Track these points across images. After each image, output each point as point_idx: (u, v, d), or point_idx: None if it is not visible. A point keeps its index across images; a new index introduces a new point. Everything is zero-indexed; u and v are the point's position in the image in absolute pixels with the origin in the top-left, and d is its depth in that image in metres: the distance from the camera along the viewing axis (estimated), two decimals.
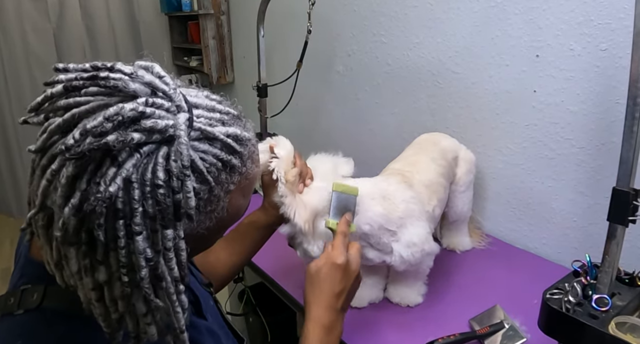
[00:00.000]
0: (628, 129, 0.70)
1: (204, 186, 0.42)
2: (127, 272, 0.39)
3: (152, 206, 0.38)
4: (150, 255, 0.39)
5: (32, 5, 2.54)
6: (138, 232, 0.37)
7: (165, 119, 0.39)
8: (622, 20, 1.01)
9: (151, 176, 0.37)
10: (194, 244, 0.48)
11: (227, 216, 0.48)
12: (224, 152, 0.44)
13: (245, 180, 0.48)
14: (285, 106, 1.73)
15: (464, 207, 1.25)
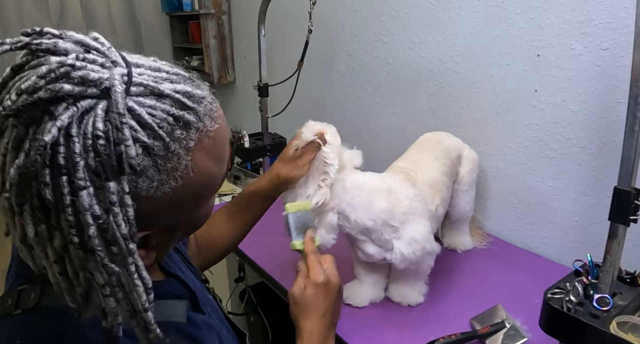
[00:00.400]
0: (629, 129, 0.70)
1: (158, 142, 0.41)
2: (77, 232, 0.38)
3: (94, 159, 0.38)
4: (98, 212, 0.38)
5: (33, 4, 2.55)
6: (82, 187, 0.37)
7: (98, 73, 0.39)
8: (623, 19, 1.01)
9: (91, 129, 0.37)
10: (177, 218, 0.48)
11: (197, 180, 0.46)
12: (175, 108, 0.43)
13: (208, 139, 0.46)
14: (286, 106, 1.73)
15: (466, 207, 1.25)
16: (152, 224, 0.46)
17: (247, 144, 1.73)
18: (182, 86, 0.44)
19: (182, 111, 0.43)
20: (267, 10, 1.63)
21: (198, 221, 0.55)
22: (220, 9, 2.60)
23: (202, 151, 0.46)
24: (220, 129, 0.48)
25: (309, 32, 1.50)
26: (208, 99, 0.47)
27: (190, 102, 0.44)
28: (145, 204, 0.43)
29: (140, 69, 0.43)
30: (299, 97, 1.71)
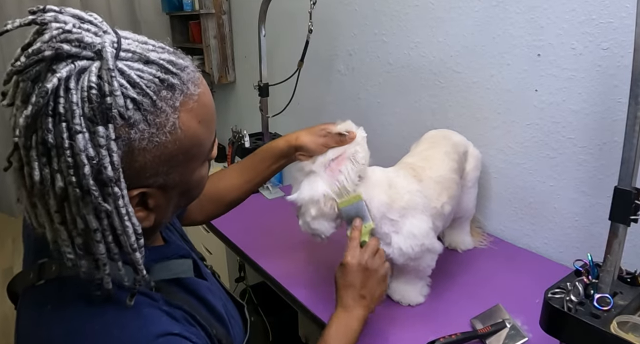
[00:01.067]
0: (630, 128, 0.70)
1: (146, 99, 0.47)
2: (74, 172, 0.45)
3: (89, 107, 0.44)
4: (92, 154, 0.44)
5: (33, 5, 2.54)
6: (78, 131, 0.44)
7: (92, 38, 0.46)
8: (624, 19, 1.01)
9: (87, 83, 0.44)
10: (170, 178, 0.53)
11: (185, 138, 0.51)
12: (161, 72, 0.49)
13: (193, 102, 0.52)
14: (286, 106, 1.73)
15: (469, 204, 1.25)
16: (148, 179, 0.51)
17: (247, 144, 1.73)
18: (166, 55, 0.51)
19: (167, 75, 0.49)
20: (268, 10, 1.63)
21: (192, 187, 0.59)
22: (221, 8, 2.60)
23: (188, 112, 0.51)
24: (204, 95, 0.54)
25: (309, 32, 1.51)
26: (191, 68, 0.53)
27: (174, 69, 0.50)
28: (140, 157, 0.49)
29: (129, 40, 0.49)
30: (299, 97, 1.71)
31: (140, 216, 0.52)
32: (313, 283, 1.14)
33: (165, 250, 0.64)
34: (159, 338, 0.51)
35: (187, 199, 0.61)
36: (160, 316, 0.54)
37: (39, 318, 0.52)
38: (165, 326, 0.53)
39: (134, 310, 0.52)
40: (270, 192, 1.70)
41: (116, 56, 0.46)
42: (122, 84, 0.46)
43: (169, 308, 0.56)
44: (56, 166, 0.45)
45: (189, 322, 0.58)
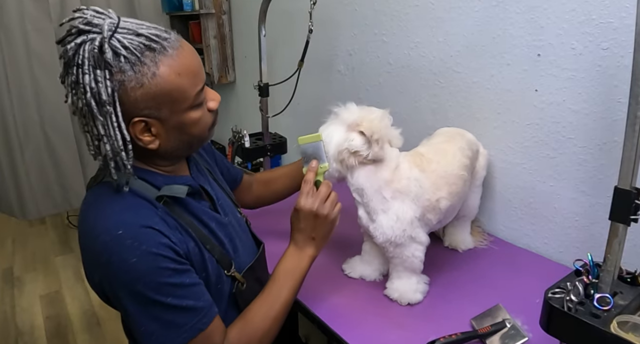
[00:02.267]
0: (630, 128, 0.70)
1: (133, 56, 0.71)
2: (84, 97, 0.71)
3: (92, 60, 0.70)
4: (93, 85, 0.70)
5: (34, 5, 2.54)
6: (85, 73, 0.70)
7: (98, 21, 0.71)
8: (624, 19, 1.01)
9: (92, 46, 0.70)
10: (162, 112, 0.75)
11: (165, 83, 0.73)
12: (146, 40, 0.72)
13: (172, 60, 0.74)
14: (286, 106, 1.73)
15: (474, 202, 1.26)
16: (143, 111, 0.74)
17: (247, 144, 1.73)
18: (154, 31, 0.74)
19: (150, 42, 0.73)
20: (268, 10, 1.63)
21: (187, 125, 0.80)
22: (221, 8, 2.61)
23: (167, 66, 0.74)
24: (184, 56, 0.76)
25: (309, 32, 1.50)
26: (172, 39, 0.76)
27: (157, 39, 0.74)
28: (132, 92, 0.72)
29: (127, 22, 0.74)
30: (299, 97, 1.71)
31: (146, 139, 0.78)
32: (313, 283, 1.14)
33: (177, 179, 0.86)
34: (141, 227, 0.74)
35: (189, 136, 0.81)
36: (153, 216, 0.76)
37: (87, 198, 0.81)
38: (151, 223, 0.75)
39: (135, 208, 0.77)
40: None
41: (113, 30, 0.71)
42: (117, 47, 0.70)
43: (164, 215, 0.78)
44: (77, 94, 0.72)
45: (179, 231, 0.79)
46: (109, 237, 0.72)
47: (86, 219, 0.78)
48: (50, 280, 2.66)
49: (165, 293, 0.74)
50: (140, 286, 0.72)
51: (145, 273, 0.72)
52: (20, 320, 2.33)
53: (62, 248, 2.99)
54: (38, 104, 2.71)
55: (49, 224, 3.31)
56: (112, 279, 0.74)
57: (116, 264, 0.72)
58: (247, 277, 0.92)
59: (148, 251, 0.72)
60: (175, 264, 0.75)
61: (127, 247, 0.72)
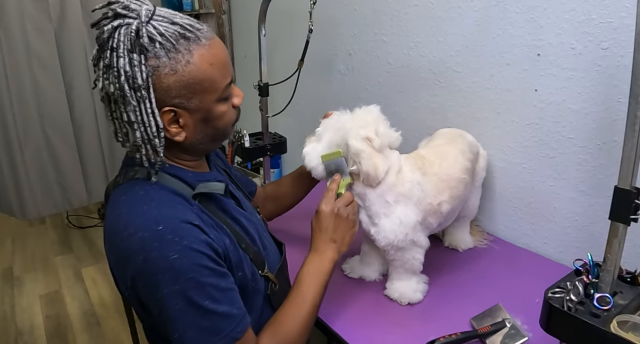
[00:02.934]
0: (630, 128, 0.70)
1: (168, 43, 0.71)
2: (119, 82, 0.71)
3: (129, 44, 0.70)
4: (128, 69, 0.70)
5: (33, 5, 2.54)
6: (121, 56, 0.70)
7: (136, 6, 0.72)
8: (624, 19, 1.01)
9: (129, 30, 0.70)
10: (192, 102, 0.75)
11: (197, 72, 0.74)
12: (181, 29, 0.73)
13: (204, 49, 0.74)
14: (286, 106, 1.73)
15: (475, 203, 1.26)
16: (174, 99, 0.74)
17: (247, 143, 1.73)
18: (187, 21, 0.74)
19: (185, 31, 0.73)
20: (268, 10, 1.63)
21: (213, 118, 0.79)
22: (221, 8, 2.61)
23: (200, 55, 0.74)
24: (215, 48, 0.76)
25: (309, 32, 1.50)
26: (205, 30, 0.76)
27: (192, 28, 0.74)
28: (165, 79, 0.72)
29: (163, 11, 0.74)
30: (299, 97, 1.71)
31: (174, 130, 0.77)
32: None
33: (207, 176, 0.87)
34: (182, 222, 0.72)
35: (215, 129, 0.81)
36: (190, 212, 0.75)
37: (117, 196, 0.79)
38: (189, 218, 0.73)
39: (172, 204, 0.75)
40: None
41: (150, 17, 0.71)
42: (153, 33, 0.70)
43: (200, 213, 0.77)
44: (110, 79, 0.72)
45: (214, 228, 0.78)
46: (148, 233, 0.70)
47: (119, 218, 0.74)
48: (50, 280, 2.66)
49: (204, 294, 0.71)
50: (180, 284, 0.69)
51: (186, 270, 0.69)
52: (20, 320, 2.33)
53: (62, 248, 2.99)
54: (38, 104, 2.71)
55: (49, 224, 3.30)
56: (150, 278, 0.70)
57: (156, 261, 0.69)
58: (279, 277, 0.92)
59: (190, 247, 0.70)
60: (214, 265, 0.73)
61: (168, 243, 0.69)
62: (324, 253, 0.93)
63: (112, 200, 0.79)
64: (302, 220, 1.47)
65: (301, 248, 0.99)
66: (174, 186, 0.79)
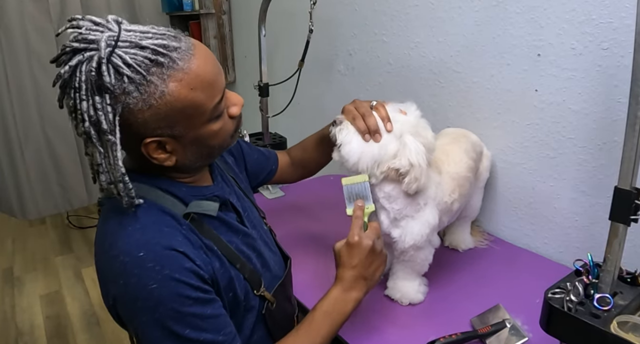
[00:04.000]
0: (630, 128, 0.70)
1: (138, 75, 0.63)
2: (83, 124, 0.64)
3: (90, 84, 0.62)
4: (92, 113, 0.63)
5: (34, 5, 2.55)
6: (83, 99, 0.63)
7: (95, 36, 0.63)
8: (624, 19, 1.01)
9: (89, 67, 0.62)
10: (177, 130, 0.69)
11: (177, 101, 0.66)
12: (151, 54, 0.64)
13: (183, 73, 0.66)
14: (286, 106, 1.73)
15: (477, 203, 1.26)
16: (154, 131, 0.68)
17: None
18: (160, 41, 0.65)
19: (156, 56, 0.64)
20: (268, 10, 1.63)
21: (206, 138, 0.73)
22: (221, 8, 2.61)
23: (177, 82, 0.66)
24: (197, 67, 0.67)
25: (309, 32, 1.51)
26: (183, 48, 0.67)
27: (164, 50, 0.65)
28: (140, 114, 0.66)
29: (130, 32, 0.65)
30: (299, 97, 1.71)
31: (161, 157, 0.71)
32: (313, 284, 1.14)
33: (204, 190, 0.80)
34: (165, 249, 0.67)
35: (209, 148, 0.75)
36: (176, 235, 0.70)
37: (106, 210, 0.75)
38: (174, 243, 0.68)
39: (157, 226, 0.70)
40: (270, 192, 1.70)
41: (114, 46, 0.63)
42: (119, 65, 0.62)
43: (188, 233, 0.72)
44: (75, 119, 0.66)
45: (203, 251, 0.73)
46: (128, 258, 0.66)
47: (104, 236, 0.71)
48: (50, 280, 2.66)
49: (184, 323, 0.67)
50: (158, 313, 0.66)
51: (165, 300, 0.66)
52: (20, 320, 2.33)
53: (62, 248, 2.99)
54: (38, 104, 2.71)
55: (49, 224, 3.30)
56: (128, 303, 0.68)
57: (134, 288, 0.66)
58: (277, 295, 0.87)
59: (170, 276, 0.66)
60: (198, 293, 0.69)
61: (148, 271, 0.66)
62: (350, 292, 0.84)
63: (102, 213, 0.76)
64: (309, 223, 1.47)
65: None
66: (164, 202, 0.74)
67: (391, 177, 0.95)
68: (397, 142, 0.94)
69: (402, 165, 0.92)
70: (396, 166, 0.92)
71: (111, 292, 0.70)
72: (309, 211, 1.53)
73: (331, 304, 0.83)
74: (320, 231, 1.39)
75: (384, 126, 0.95)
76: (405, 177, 0.93)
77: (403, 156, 0.92)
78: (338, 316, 0.83)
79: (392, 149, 0.93)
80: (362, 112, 0.97)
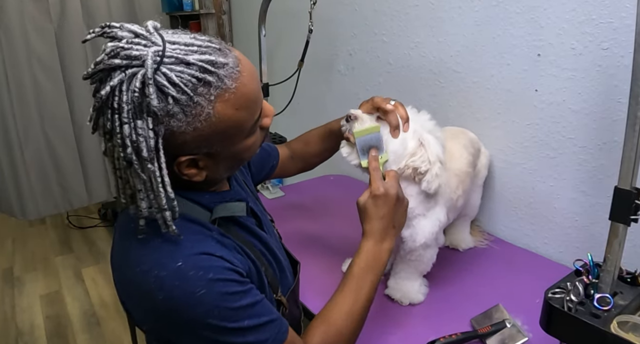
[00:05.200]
0: (630, 128, 0.70)
1: (184, 96, 0.59)
2: (123, 150, 0.60)
3: (132, 105, 0.57)
4: (134, 138, 0.58)
5: (34, 5, 2.54)
6: (125, 122, 0.58)
7: (140, 51, 0.57)
8: (624, 19, 1.01)
9: (133, 87, 0.57)
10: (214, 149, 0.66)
11: (221, 123, 0.63)
12: (199, 72, 0.59)
13: (229, 94, 0.62)
14: (286, 105, 1.73)
15: (476, 202, 1.26)
16: (192, 150, 0.64)
17: None
18: (207, 56, 0.60)
19: (204, 74, 0.59)
20: (268, 10, 1.63)
21: (239, 153, 0.70)
22: (221, 9, 2.61)
23: (223, 102, 0.62)
24: (243, 86, 0.64)
25: (309, 32, 1.51)
26: (230, 65, 0.63)
27: (212, 68, 0.60)
28: (181, 137, 0.62)
29: (174, 45, 0.60)
30: (299, 97, 1.71)
31: (192, 172, 0.68)
32: (312, 284, 1.14)
33: (225, 195, 0.78)
34: (202, 255, 0.65)
35: (240, 161, 0.74)
36: (209, 241, 0.68)
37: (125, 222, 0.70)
38: (209, 249, 0.66)
39: (188, 235, 0.67)
40: (270, 192, 1.70)
41: (159, 63, 0.57)
42: (164, 85, 0.58)
43: (220, 238, 0.70)
44: (112, 143, 0.61)
45: (237, 251, 0.72)
46: (165, 271, 0.62)
47: (127, 251, 0.67)
48: (50, 280, 2.66)
49: (242, 317, 0.66)
50: (212, 318, 0.64)
51: (216, 303, 0.64)
52: (20, 320, 2.33)
53: (62, 248, 2.99)
54: (38, 104, 2.71)
55: (49, 224, 3.30)
56: (175, 318, 0.64)
57: (180, 300, 0.62)
58: (289, 300, 0.86)
59: (215, 278, 0.64)
60: (242, 286, 0.68)
61: (191, 280, 0.62)
62: (383, 243, 0.84)
63: (121, 224, 0.71)
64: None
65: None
66: (189, 211, 0.71)
67: (407, 176, 0.94)
68: (414, 141, 0.93)
69: (422, 163, 0.92)
70: (416, 164, 0.92)
71: (150, 315, 0.66)
72: (309, 211, 1.53)
73: (368, 259, 0.83)
74: (321, 231, 1.39)
75: (402, 126, 0.94)
76: (425, 176, 0.92)
77: (423, 154, 0.92)
78: (376, 269, 0.83)
79: (411, 147, 0.93)
80: (384, 108, 0.96)
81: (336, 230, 1.39)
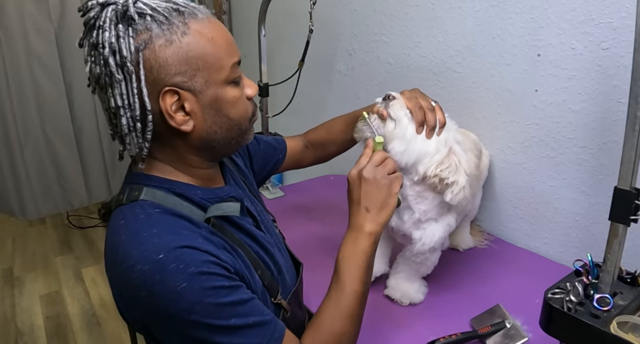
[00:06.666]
0: (630, 128, 0.70)
1: (160, 16, 0.65)
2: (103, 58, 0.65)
3: (115, 18, 0.65)
4: (113, 41, 0.64)
5: (34, 5, 2.54)
6: (105, 30, 0.64)
7: None
8: (624, 19, 1.01)
9: (116, 7, 0.65)
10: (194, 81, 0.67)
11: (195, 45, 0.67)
12: (173, 4, 0.67)
13: (201, 21, 0.68)
14: (286, 106, 1.73)
15: (476, 202, 1.26)
16: (175, 77, 0.66)
17: None
18: (181, 2, 0.69)
19: (178, 6, 0.67)
20: (268, 10, 1.63)
21: (223, 104, 0.71)
22: (221, 8, 2.61)
23: (197, 24, 0.67)
24: (215, 24, 0.70)
25: (309, 32, 1.51)
26: (201, 9, 0.70)
27: (185, 5, 0.68)
28: (161, 52, 0.65)
29: None
30: (299, 97, 1.71)
31: (180, 119, 0.69)
32: (312, 284, 1.14)
33: (219, 191, 0.78)
34: (185, 248, 0.63)
35: (227, 118, 0.73)
36: (196, 237, 0.66)
37: (116, 219, 0.70)
38: (194, 243, 0.65)
39: (176, 229, 0.66)
40: (270, 192, 1.70)
41: None
42: (142, 7, 0.65)
43: (209, 235, 0.69)
44: (95, 57, 0.66)
45: (227, 250, 0.70)
46: (147, 265, 0.62)
47: (117, 245, 0.66)
48: (50, 280, 2.66)
49: (227, 314, 0.64)
50: (195, 314, 0.62)
51: (198, 298, 0.62)
52: (20, 320, 2.33)
53: (62, 248, 2.99)
54: (38, 104, 2.71)
55: (49, 224, 3.30)
56: (159, 314, 0.63)
57: (161, 295, 0.61)
58: (291, 303, 0.83)
59: (197, 271, 0.62)
60: (229, 281, 0.65)
61: (172, 273, 0.61)
62: (360, 228, 0.80)
63: (112, 221, 0.71)
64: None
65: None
66: (180, 209, 0.70)
67: (429, 182, 0.91)
68: (445, 149, 0.91)
69: (450, 173, 0.89)
70: (444, 175, 0.89)
71: (137, 311, 0.66)
72: (309, 211, 1.53)
73: (346, 248, 0.80)
74: (321, 231, 1.39)
75: (436, 131, 0.93)
76: (452, 187, 0.89)
77: (451, 165, 0.89)
78: (356, 256, 0.79)
79: (440, 154, 0.90)
80: (425, 105, 0.95)
81: (336, 230, 1.39)
